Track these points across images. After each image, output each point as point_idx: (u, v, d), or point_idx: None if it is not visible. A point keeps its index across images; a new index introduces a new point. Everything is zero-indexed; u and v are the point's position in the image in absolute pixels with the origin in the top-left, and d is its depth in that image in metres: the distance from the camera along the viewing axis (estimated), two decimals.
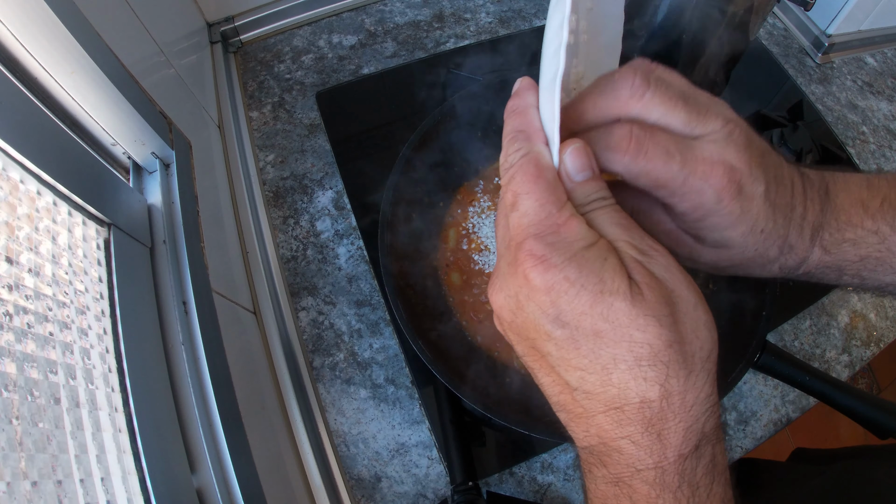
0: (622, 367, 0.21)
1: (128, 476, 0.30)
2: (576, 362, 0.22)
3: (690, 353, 0.22)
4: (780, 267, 0.28)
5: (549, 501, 0.51)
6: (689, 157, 0.24)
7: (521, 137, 0.25)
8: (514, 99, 0.27)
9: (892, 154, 0.73)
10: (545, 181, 0.23)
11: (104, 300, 0.34)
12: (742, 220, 0.25)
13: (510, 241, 0.23)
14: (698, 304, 0.23)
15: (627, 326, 0.21)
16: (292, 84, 0.72)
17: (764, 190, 0.25)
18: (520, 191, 0.23)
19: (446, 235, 0.58)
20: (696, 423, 0.22)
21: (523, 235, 0.23)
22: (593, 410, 0.22)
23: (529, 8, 0.80)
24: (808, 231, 0.27)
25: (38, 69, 0.32)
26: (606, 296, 0.21)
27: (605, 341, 0.21)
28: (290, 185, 0.65)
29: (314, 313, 0.58)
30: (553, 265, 0.22)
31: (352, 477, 0.51)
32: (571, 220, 0.23)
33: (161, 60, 0.51)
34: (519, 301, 0.23)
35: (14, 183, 0.29)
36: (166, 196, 0.42)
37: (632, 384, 0.21)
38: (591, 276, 0.21)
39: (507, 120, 0.26)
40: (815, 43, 0.80)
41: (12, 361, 0.25)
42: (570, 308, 0.21)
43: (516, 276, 0.23)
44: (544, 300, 0.22)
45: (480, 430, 0.52)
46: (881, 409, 0.45)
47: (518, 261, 0.22)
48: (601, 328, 0.21)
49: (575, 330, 0.22)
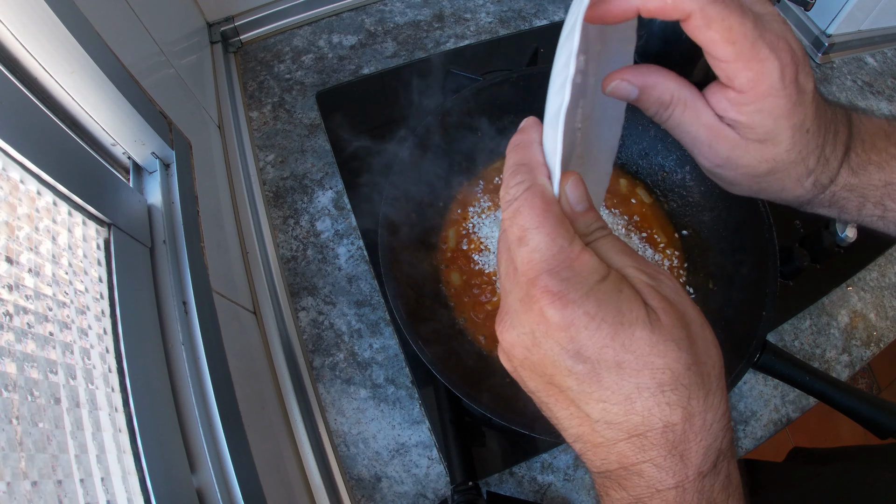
0: (646, 394, 0.21)
1: (128, 476, 0.30)
2: (598, 395, 0.22)
3: (706, 373, 0.22)
4: (813, 182, 0.28)
5: (549, 501, 0.51)
6: (760, 22, 0.24)
7: (523, 170, 0.25)
8: (518, 134, 0.27)
9: None
10: (553, 215, 0.23)
11: (104, 300, 0.34)
12: (797, 109, 0.25)
13: (520, 277, 0.23)
14: (705, 324, 0.23)
15: (649, 354, 0.21)
16: (292, 84, 0.72)
17: (813, 87, 0.26)
18: (528, 225, 0.23)
19: (446, 235, 0.58)
20: (715, 441, 0.22)
21: (536, 271, 0.22)
22: (614, 439, 0.22)
23: (529, 8, 0.80)
24: (840, 147, 0.28)
25: (38, 69, 0.32)
26: (626, 326, 0.21)
27: (628, 371, 0.21)
28: (290, 185, 0.65)
29: (314, 313, 0.58)
30: (571, 301, 0.21)
31: (352, 477, 0.51)
32: (583, 253, 0.22)
33: (161, 60, 0.51)
34: (535, 339, 0.23)
35: (14, 183, 0.29)
36: (166, 196, 0.42)
37: (655, 410, 0.21)
38: (610, 309, 0.21)
39: (509, 154, 0.26)
40: (815, 43, 0.80)
41: (12, 361, 0.25)
42: (591, 342, 0.21)
43: (531, 312, 0.22)
44: (563, 336, 0.22)
45: (480, 430, 0.52)
46: (881, 409, 0.45)
47: (533, 298, 0.22)
48: (623, 359, 0.21)
49: (597, 363, 0.21)
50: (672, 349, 0.21)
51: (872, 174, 0.28)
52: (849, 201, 0.30)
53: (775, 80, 0.24)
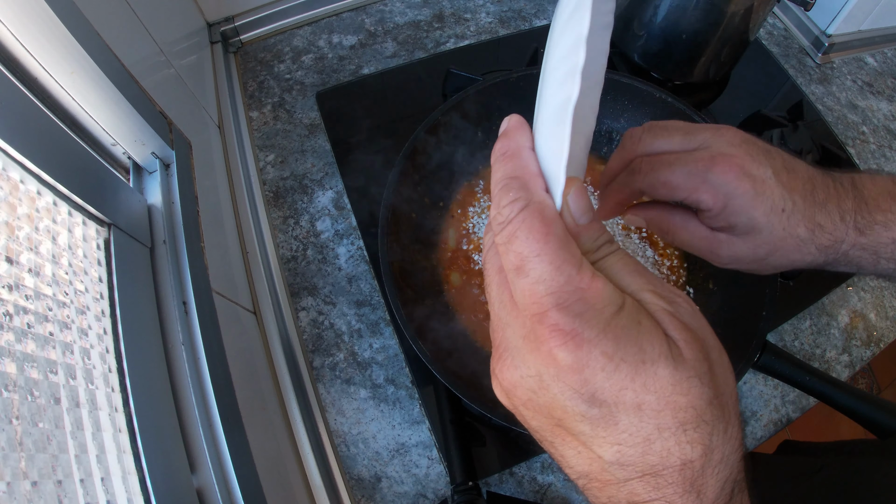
0: (666, 434, 0.19)
1: (128, 476, 0.30)
2: (613, 438, 0.20)
3: (725, 404, 0.20)
4: (816, 247, 0.30)
5: (549, 501, 0.51)
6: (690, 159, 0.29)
7: (515, 185, 0.21)
8: (503, 140, 0.23)
9: (892, 154, 0.73)
10: (556, 238, 0.20)
11: (104, 300, 0.34)
12: (759, 199, 0.29)
13: (522, 312, 0.20)
14: (721, 349, 0.21)
15: (672, 393, 0.19)
16: (292, 84, 0.72)
17: (772, 173, 0.29)
18: (527, 252, 0.20)
19: (446, 235, 0.58)
20: (732, 473, 0.21)
21: (542, 306, 0.19)
22: (626, 478, 0.20)
23: (529, 8, 0.80)
24: (835, 212, 0.30)
25: (38, 69, 0.32)
26: (648, 365, 0.19)
27: (648, 412, 0.19)
28: (290, 185, 0.65)
29: (314, 313, 0.58)
30: (585, 340, 0.19)
31: (352, 477, 0.51)
32: (595, 280, 0.20)
33: (161, 60, 0.51)
34: (543, 381, 0.20)
35: (14, 183, 0.29)
36: (166, 196, 0.42)
37: (675, 449, 0.19)
38: (630, 346, 0.19)
39: (495, 165, 0.23)
40: (815, 43, 0.80)
41: (12, 361, 0.25)
42: (608, 385, 0.19)
43: (538, 353, 0.20)
44: (576, 380, 0.19)
45: (480, 430, 0.52)
46: (881, 409, 0.45)
47: (540, 337, 0.20)
48: (643, 400, 0.19)
49: (613, 406, 0.19)
50: (696, 385, 0.19)
51: (880, 233, 0.30)
52: (863, 259, 0.31)
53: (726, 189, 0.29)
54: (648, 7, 0.65)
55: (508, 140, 0.23)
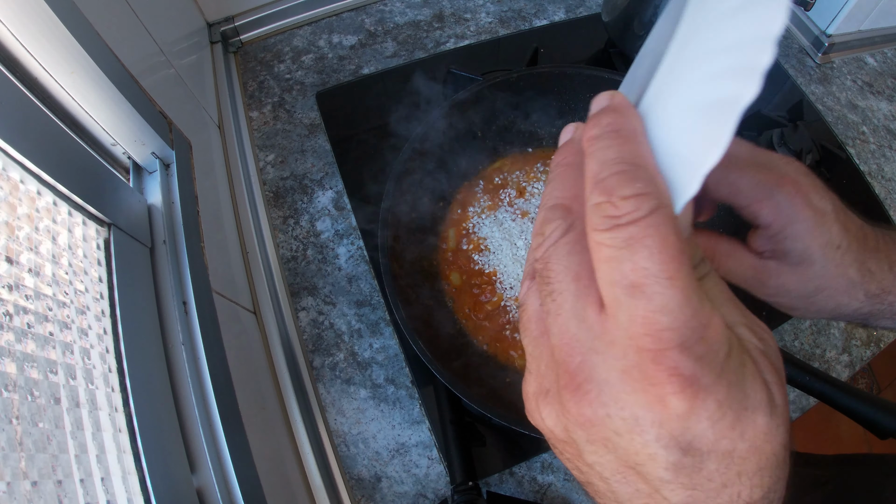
0: (743, 479, 0.18)
1: (128, 476, 0.30)
2: (690, 483, 0.18)
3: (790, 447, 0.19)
4: (864, 293, 0.30)
5: (549, 501, 0.51)
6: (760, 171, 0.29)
7: (643, 176, 0.17)
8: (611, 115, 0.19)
9: (893, 154, 0.73)
10: (688, 259, 0.16)
11: (104, 300, 0.34)
12: (819, 230, 0.28)
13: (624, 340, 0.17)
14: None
15: (763, 441, 0.17)
16: (292, 84, 0.72)
17: (832, 208, 0.29)
18: (654, 271, 0.16)
19: (446, 235, 0.58)
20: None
21: (661, 342, 0.16)
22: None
23: (529, 8, 0.80)
24: (885, 262, 0.30)
25: (38, 69, 0.32)
26: (749, 412, 0.17)
27: (735, 460, 0.17)
28: (290, 185, 0.65)
29: (314, 313, 0.58)
30: (703, 388, 0.16)
31: (352, 477, 0.51)
32: (714, 317, 0.17)
33: (161, 60, 0.51)
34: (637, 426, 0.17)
35: (14, 183, 0.29)
36: (166, 196, 0.43)
37: (744, 493, 0.18)
38: (737, 394, 0.17)
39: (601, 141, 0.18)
40: (815, 43, 0.80)
41: (12, 361, 0.25)
42: (709, 434, 0.17)
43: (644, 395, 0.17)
44: (679, 427, 0.17)
45: (480, 430, 0.52)
46: (881, 409, 0.45)
47: (652, 378, 0.17)
48: (735, 447, 0.17)
49: (706, 454, 0.17)
50: (782, 433, 0.18)
51: None
52: None
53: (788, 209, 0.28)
54: (648, 7, 0.65)
55: (621, 117, 0.18)
